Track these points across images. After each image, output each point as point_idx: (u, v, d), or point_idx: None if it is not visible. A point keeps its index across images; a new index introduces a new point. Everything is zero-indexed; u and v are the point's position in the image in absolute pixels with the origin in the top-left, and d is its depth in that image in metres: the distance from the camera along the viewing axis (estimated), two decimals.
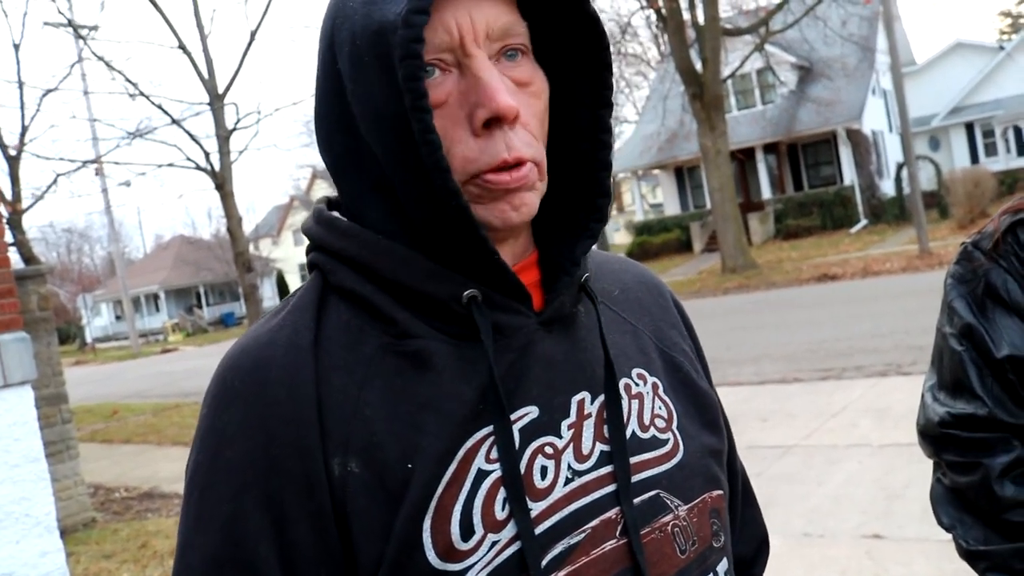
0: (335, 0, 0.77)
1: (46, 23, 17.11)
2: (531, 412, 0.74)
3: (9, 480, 4.27)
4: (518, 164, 0.72)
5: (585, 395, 0.78)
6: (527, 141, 0.73)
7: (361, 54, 0.72)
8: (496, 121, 0.71)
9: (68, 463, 6.56)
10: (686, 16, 19.67)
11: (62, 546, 4.53)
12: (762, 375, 8.57)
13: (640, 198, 32.98)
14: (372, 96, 0.72)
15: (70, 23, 16.55)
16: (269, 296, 42.07)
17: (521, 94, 0.74)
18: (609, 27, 24.89)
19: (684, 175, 29.44)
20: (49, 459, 4.90)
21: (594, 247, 0.84)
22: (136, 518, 6.66)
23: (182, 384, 16.80)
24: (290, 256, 49.22)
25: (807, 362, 8.81)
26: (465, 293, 0.73)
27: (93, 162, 17.04)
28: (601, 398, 0.79)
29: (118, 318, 50.15)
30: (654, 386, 0.84)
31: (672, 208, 30.08)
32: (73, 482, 6.56)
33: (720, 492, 0.85)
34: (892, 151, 28.48)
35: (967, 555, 1.22)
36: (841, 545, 4.07)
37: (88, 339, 43.80)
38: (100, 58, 15.25)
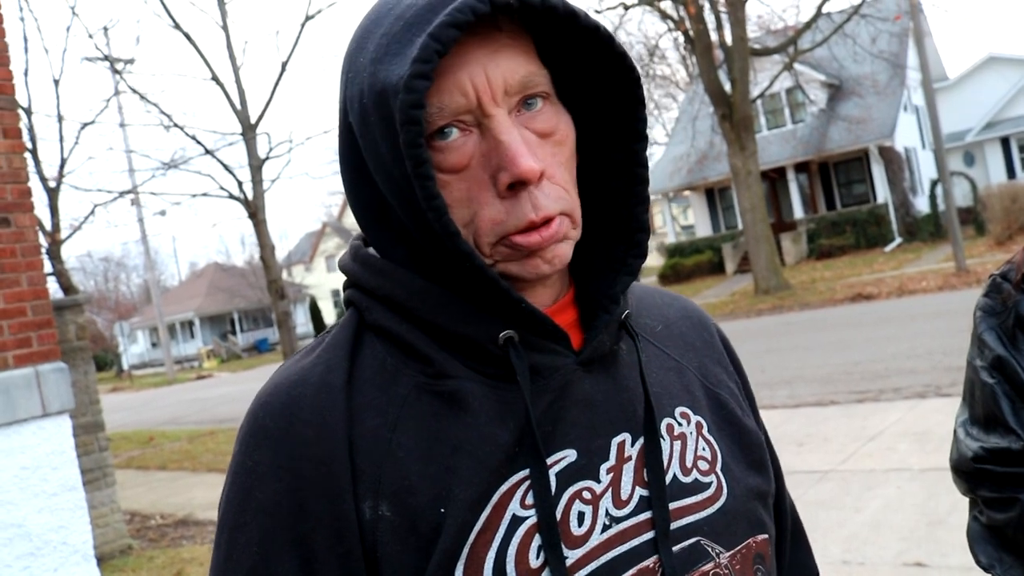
0: (348, 52, 0.76)
1: (84, 58, 17.59)
2: (568, 456, 0.73)
3: (47, 509, 4.33)
4: (546, 222, 0.70)
5: (626, 437, 0.76)
6: (555, 196, 0.71)
7: (368, 113, 0.71)
8: (521, 184, 0.69)
9: (105, 490, 6.62)
10: (714, 37, 19.65)
11: (99, 574, 4.56)
12: (797, 398, 8.44)
13: (671, 220, 32.87)
14: (380, 156, 0.71)
15: (107, 58, 16.94)
16: (302, 322, 42.41)
17: (546, 144, 0.72)
18: (637, 49, 24.95)
19: (715, 196, 29.30)
20: (86, 487, 4.97)
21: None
22: (171, 545, 6.70)
23: (217, 410, 16.94)
24: (323, 282, 49.63)
25: (843, 384, 8.66)
26: (501, 334, 0.72)
27: (129, 192, 17.36)
28: (642, 440, 0.76)
29: (154, 345, 50.85)
30: (698, 425, 0.82)
31: (704, 229, 29.93)
32: (109, 509, 6.62)
33: (765, 536, 0.82)
34: (926, 168, 28.12)
35: None
36: (881, 574, 3.97)
37: (124, 366, 44.41)
38: (136, 91, 15.53)
